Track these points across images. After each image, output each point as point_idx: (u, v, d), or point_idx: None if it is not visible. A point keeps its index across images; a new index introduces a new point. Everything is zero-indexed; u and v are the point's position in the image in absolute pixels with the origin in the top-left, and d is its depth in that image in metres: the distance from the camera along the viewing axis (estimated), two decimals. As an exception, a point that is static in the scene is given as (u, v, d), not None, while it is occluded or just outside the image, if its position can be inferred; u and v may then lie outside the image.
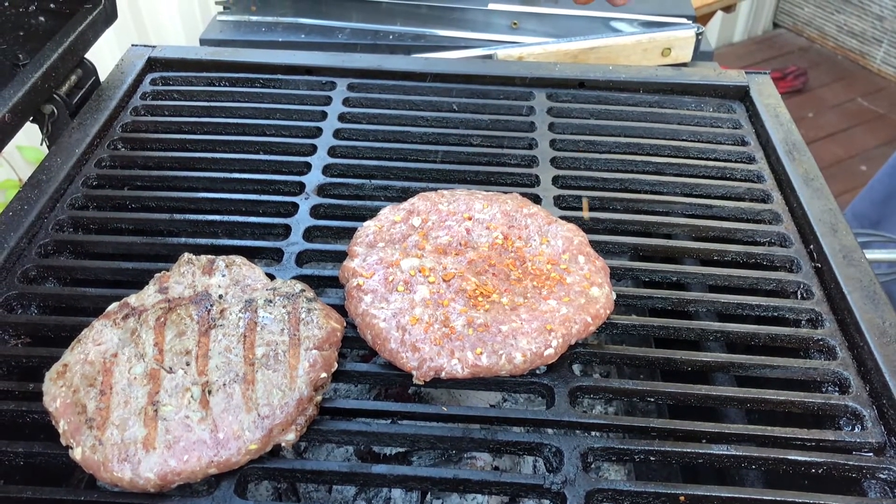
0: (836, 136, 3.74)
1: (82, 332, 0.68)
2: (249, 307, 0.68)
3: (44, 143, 0.99)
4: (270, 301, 0.69)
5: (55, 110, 0.96)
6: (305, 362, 0.65)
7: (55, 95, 0.96)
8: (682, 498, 0.62)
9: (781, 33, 4.50)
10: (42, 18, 1.06)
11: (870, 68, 4.17)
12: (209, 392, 0.62)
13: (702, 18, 2.15)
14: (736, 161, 0.97)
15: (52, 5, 1.08)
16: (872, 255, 1.24)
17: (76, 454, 0.60)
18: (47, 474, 0.77)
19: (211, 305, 0.69)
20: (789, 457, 0.64)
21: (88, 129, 0.95)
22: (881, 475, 0.63)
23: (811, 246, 0.83)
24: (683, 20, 1.44)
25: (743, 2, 3.33)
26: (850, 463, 0.64)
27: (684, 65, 1.31)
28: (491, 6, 1.52)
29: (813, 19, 4.34)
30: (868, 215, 1.87)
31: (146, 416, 0.61)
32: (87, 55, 1.05)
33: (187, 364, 0.64)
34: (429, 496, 0.80)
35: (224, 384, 0.63)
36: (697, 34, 1.30)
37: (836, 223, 0.85)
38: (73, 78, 1.01)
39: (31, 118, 0.95)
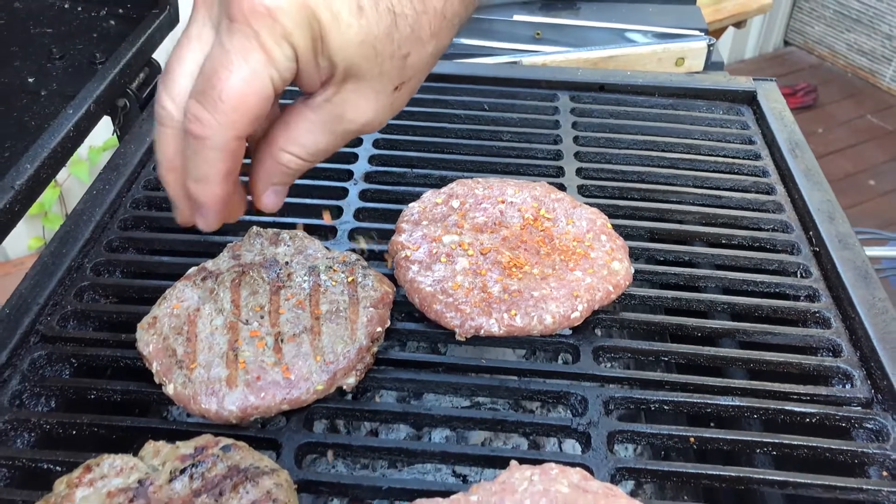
0: (845, 152, 3.82)
1: (166, 291, 0.78)
2: (313, 272, 0.78)
3: (115, 133, 1.09)
4: (331, 267, 0.79)
5: (127, 103, 1.07)
6: (364, 317, 0.74)
7: (128, 90, 1.07)
8: (692, 440, 0.71)
9: (792, 51, 4.60)
10: (112, 22, 1.17)
11: (879, 86, 4.25)
12: (281, 341, 0.72)
13: (713, 34, 2.24)
14: (743, 157, 1.06)
15: (120, 10, 1.19)
16: (871, 252, 1.32)
17: (169, 389, 0.70)
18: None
19: (279, 270, 0.78)
20: (787, 407, 0.72)
21: (156, 120, 1.06)
22: (868, 425, 0.72)
23: (810, 232, 0.92)
24: (696, 32, 1.54)
25: (754, 18, 3.43)
26: (841, 414, 0.72)
27: (696, 73, 1.40)
28: (516, 17, 1.63)
29: (823, 37, 4.43)
30: None
31: (228, 360, 0.70)
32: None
33: (261, 318, 0.74)
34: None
35: (294, 334, 0.72)
36: (709, 45, 1.40)
37: (833, 212, 0.94)
38: (142, 75, 1.11)
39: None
